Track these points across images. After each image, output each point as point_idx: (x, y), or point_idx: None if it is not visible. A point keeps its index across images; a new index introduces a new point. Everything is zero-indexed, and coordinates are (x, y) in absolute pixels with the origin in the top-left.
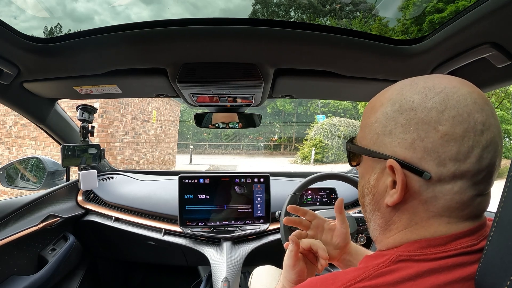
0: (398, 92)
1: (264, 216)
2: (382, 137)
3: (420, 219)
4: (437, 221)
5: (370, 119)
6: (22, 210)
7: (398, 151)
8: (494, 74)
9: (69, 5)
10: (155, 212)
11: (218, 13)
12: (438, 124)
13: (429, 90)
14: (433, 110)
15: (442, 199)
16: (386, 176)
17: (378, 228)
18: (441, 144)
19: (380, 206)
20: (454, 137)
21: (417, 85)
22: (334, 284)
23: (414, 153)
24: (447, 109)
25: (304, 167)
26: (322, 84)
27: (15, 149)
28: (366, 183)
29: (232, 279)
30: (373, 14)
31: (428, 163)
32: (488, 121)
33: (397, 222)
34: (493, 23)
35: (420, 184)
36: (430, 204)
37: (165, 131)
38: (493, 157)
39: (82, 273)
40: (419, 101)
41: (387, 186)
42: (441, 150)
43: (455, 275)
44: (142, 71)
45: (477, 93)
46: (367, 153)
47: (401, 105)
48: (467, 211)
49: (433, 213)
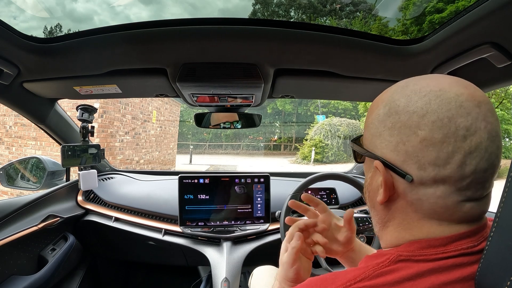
0: (390, 95)
1: (264, 216)
2: (375, 138)
3: (411, 219)
4: (428, 223)
5: (368, 120)
6: (22, 210)
7: (385, 153)
8: (494, 74)
9: (68, 5)
10: (155, 212)
11: (217, 13)
12: (417, 129)
13: (414, 94)
14: (415, 114)
15: (426, 202)
16: (378, 175)
17: (377, 224)
18: (420, 149)
19: (374, 203)
20: (432, 142)
21: (406, 88)
22: (334, 284)
23: (397, 156)
24: (428, 114)
25: (304, 167)
26: (322, 84)
27: (15, 149)
28: (366, 181)
29: (232, 279)
30: (373, 14)
31: (410, 166)
32: (475, 126)
33: (391, 220)
34: (493, 23)
35: (404, 186)
36: (416, 205)
37: (165, 131)
38: (479, 163)
39: (82, 273)
40: (404, 105)
41: (378, 185)
42: (421, 154)
43: (455, 275)
44: (142, 71)
45: (467, 95)
46: (362, 152)
47: (390, 108)
48: (457, 216)
49: (422, 215)
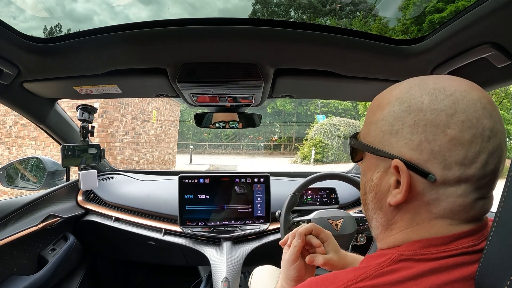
0: (407, 91)
1: (264, 216)
2: (388, 136)
3: (421, 220)
4: (439, 223)
5: (376, 116)
6: (22, 210)
7: (404, 151)
8: (494, 74)
9: (68, 5)
10: (155, 212)
11: (217, 13)
12: (447, 128)
13: (439, 92)
14: (443, 113)
15: (445, 201)
16: (389, 175)
17: (380, 226)
18: (448, 148)
19: (382, 205)
20: (462, 142)
21: (427, 86)
22: (335, 284)
23: (420, 155)
24: (457, 113)
25: (304, 167)
26: (322, 84)
27: (15, 149)
28: (369, 181)
29: (232, 279)
30: (373, 14)
31: (434, 165)
32: (496, 128)
33: (399, 221)
34: (493, 23)
35: (424, 186)
36: (432, 205)
37: (165, 131)
38: (497, 162)
39: (82, 273)
40: (428, 102)
41: (390, 185)
42: (448, 154)
43: (456, 274)
44: (142, 71)
45: (487, 98)
46: (371, 151)
47: (410, 105)
48: (470, 214)
49: (436, 214)
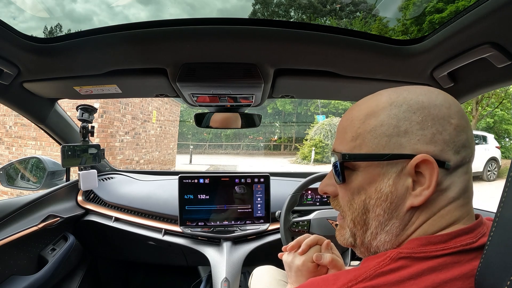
0: (398, 96)
1: (264, 216)
2: (396, 138)
3: (437, 209)
4: (453, 206)
5: (370, 124)
6: (22, 210)
7: (419, 147)
8: (494, 74)
9: (67, 5)
10: (155, 212)
11: (216, 13)
12: (450, 118)
13: (429, 92)
14: (443, 107)
15: (458, 183)
16: (404, 177)
17: (393, 238)
18: (455, 135)
19: (399, 211)
20: (463, 127)
21: (414, 90)
22: (335, 284)
23: (435, 147)
24: (451, 106)
25: (304, 167)
26: (322, 84)
27: (15, 149)
28: (372, 195)
29: (232, 279)
30: (373, 14)
31: (447, 153)
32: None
33: (415, 221)
34: (493, 23)
35: (441, 175)
36: (448, 190)
37: (165, 131)
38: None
39: (82, 273)
40: (427, 100)
41: (408, 187)
42: (456, 139)
43: (455, 272)
44: (142, 71)
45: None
46: (381, 158)
47: (410, 105)
48: (470, 191)
49: (452, 198)
